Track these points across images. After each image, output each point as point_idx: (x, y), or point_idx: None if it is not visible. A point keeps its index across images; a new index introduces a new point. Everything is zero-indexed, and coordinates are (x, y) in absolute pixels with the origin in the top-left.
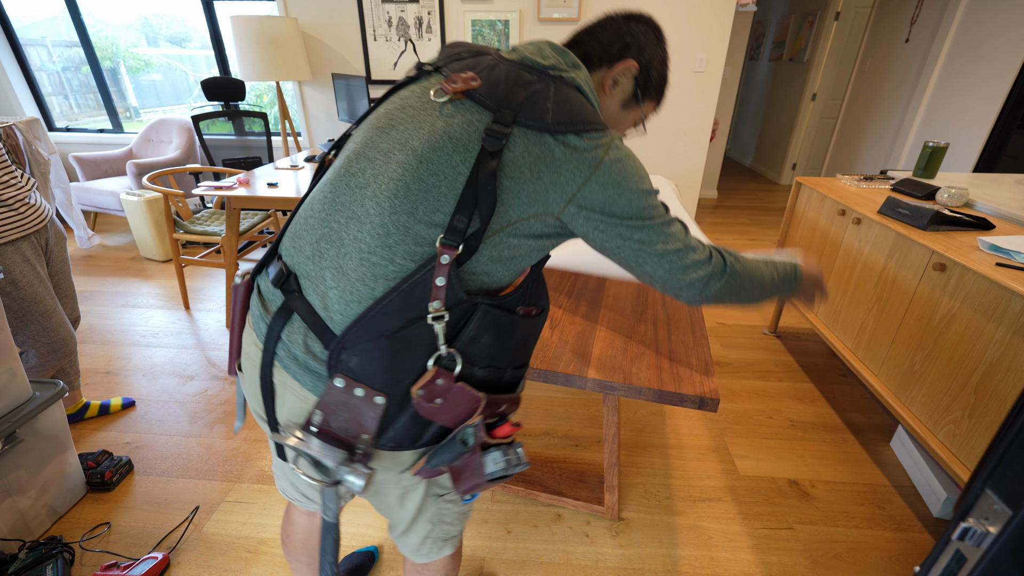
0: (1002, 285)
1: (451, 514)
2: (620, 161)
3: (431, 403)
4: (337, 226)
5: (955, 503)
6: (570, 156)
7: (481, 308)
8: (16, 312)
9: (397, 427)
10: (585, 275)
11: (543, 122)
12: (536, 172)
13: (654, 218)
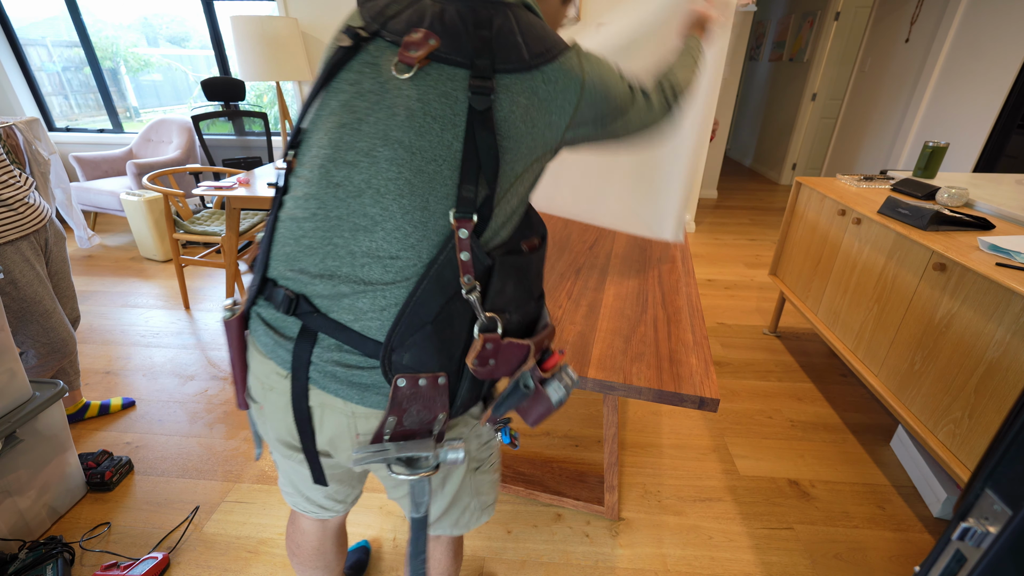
0: (1002, 285)
1: (487, 484)
2: (598, 75)
3: (486, 366)
4: (343, 241)
5: (955, 503)
6: (555, 91)
7: (498, 262)
8: (15, 312)
9: (462, 395)
10: (585, 273)
11: (521, 61)
12: (530, 121)
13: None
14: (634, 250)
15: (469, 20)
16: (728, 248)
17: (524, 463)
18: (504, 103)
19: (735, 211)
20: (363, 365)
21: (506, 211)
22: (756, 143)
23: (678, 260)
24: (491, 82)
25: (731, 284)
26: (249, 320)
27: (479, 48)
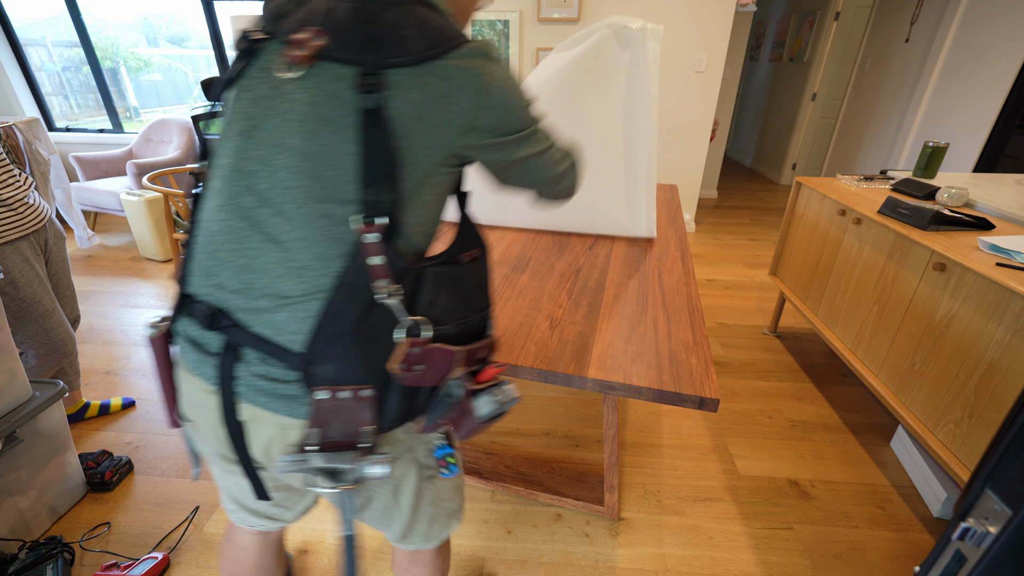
0: (1002, 285)
1: (448, 490)
2: (502, 77)
3: (412, 372)
4: (255, 253)
5: (955, 503)
6: (450, 87)
7: (428, 272)
8: (15, 312)
9: (391, 406)
10: (585, 273)
11: (412, 54)
12: (423, 117)
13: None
14: (634, 250)
15: (360, 15)
16: (728, 248)
17: (524, 463)
18: (396, 100)
19: (735, 211)
20: (287, 379)
21: (420, 216)
22: (756, 143)
23: (678, 260)
24: (379, 79)
25: (731, 284)
26: (174, 337)
27: (366, 44)
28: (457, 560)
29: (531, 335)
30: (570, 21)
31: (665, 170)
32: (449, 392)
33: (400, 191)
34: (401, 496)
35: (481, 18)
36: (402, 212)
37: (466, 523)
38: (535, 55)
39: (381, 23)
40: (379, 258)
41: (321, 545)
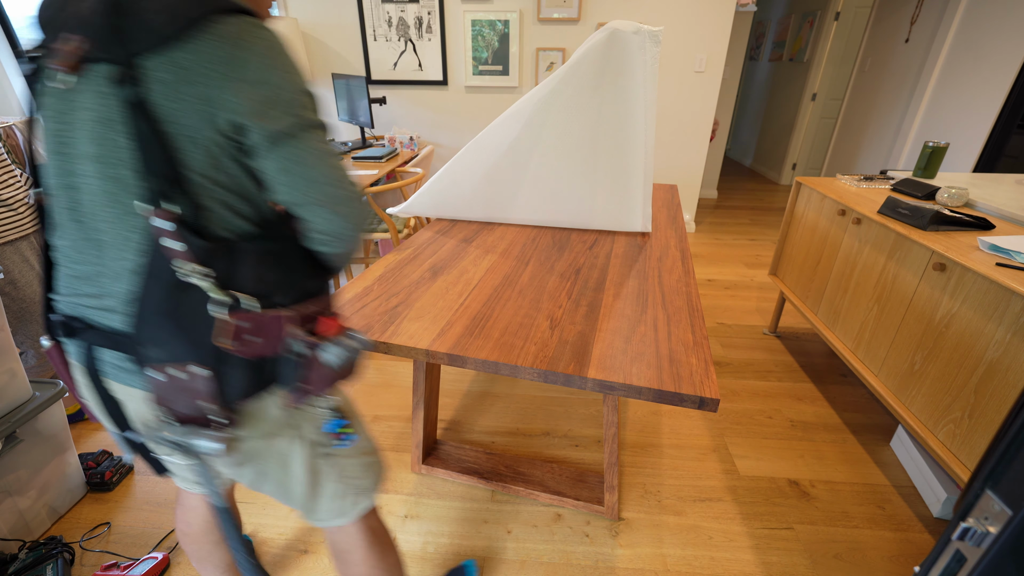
0: (1002, 285)
1: (353, 467)
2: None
3: (245, 344)
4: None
5: (955, 503)
6: (199, 59)
7: (244, 249)
8: (15, 312)
9: (235, 381)
10: (585, 273)
11: (159, 38)
12: (179, 97)
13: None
14: (634, 250)
15: (105, 12)
16: (728, 248)
17: (524, 463)
18: (154, 87)
19: (735, 211)
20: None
21: (228, 197)
22: (756, 143)
23: (678, 260)
24: (133, 70)
25: (731, 284)
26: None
27: (115, 38)
28: (457, 560)
29: (531, 335)
30: (570, 21)
31: (665, 170)
32: (293, 351)
33: (186, 176)
34: (292, 472)
35: (481, 18)
36: (197, 196)
37: (466, 523)
38: (535, 55)
39: (126, 13)
40: (171, 241)
41: (321, 546)
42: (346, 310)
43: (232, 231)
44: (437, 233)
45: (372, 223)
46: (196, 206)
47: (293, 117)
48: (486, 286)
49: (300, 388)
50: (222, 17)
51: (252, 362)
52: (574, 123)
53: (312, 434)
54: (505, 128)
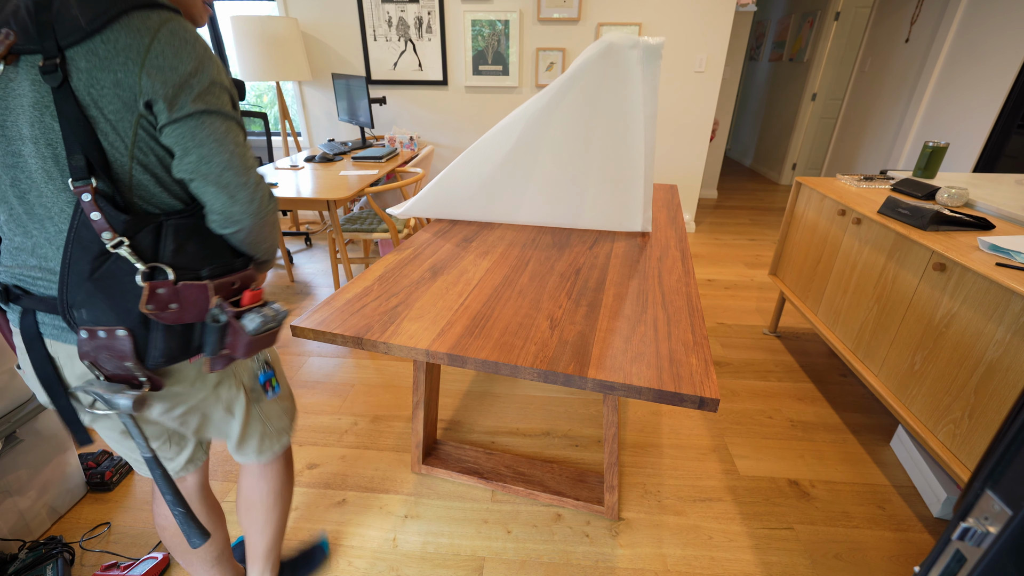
0: (1002, 285)
1: (275, 411)
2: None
3: (167, 310)
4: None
5: (955, 503)
6: (115, 48)
7: (170, 224)
8: None
9: (157, 344)
10: (585, 273)
11: (78, 29)
12: (97, 84)
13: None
14: (634, 250)
15: (33, 10)
16: (728, 248)
17: (524, 463)
18: (76, 75)
19: (735, 211)
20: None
21: (148, 176)
22: (756, 143)
23: (678, 260)
24: (58, 60)
25: (731, 284)
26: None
27: (42, 31)
28: (457, 560)
29: (531, 335)
30: (570, 21)
31: (665, 170)
32: (215, 318)
33: (112, 155)
34: (235, 412)
35: (482, 18)
36: (123, 174)
37: (466, 523)
38: (535, 55)
39: (51, 11)
40: (97, 214)
41: None
42: (346, 310)
43: (160, 207)
44: (437, 233)
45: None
46: (121, 183)
47: (199, 102)
48: (486, 286)
49: (223, 353)
50: (138, 12)
51: (175, 328)
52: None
53: (248, 381)
54: (504, 135)
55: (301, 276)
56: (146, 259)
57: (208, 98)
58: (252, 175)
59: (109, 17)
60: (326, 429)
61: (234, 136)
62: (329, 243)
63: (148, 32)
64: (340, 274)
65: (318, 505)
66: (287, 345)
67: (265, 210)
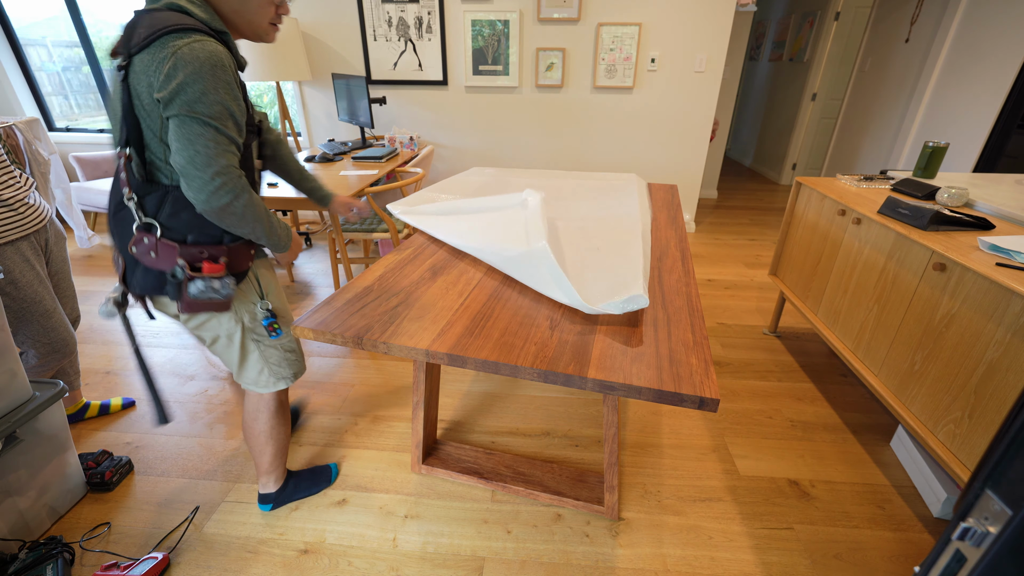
0: (1002, 285)
1: (275, 357)
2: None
3: (148, 256)
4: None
5: (955, 503)
6: (149, 60)
7: (173, 194)
8: (16, 312)
9: (137, 278)
10: None
11: (138, 43)
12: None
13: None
14: None
15: (126, 28)
16: (728, 248)
17: (524, 463)
18: (132, 75)
19: (735, 211)
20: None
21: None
22: (756, 143)
23: (678, 260)
24: (126, 63)
25: (731, 284)
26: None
27: (126, 43)
28: (457, 560)
29: (531, 335)
30: (570, 21)
31: (665, 170)
32: (173, 274)
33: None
34: (233, 343)
35: (482, 18)
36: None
37: (466, 523)
38: (535, 55)
39: (134, 28)
40: (123, 174)
41: (321, 545)
42: (346, 310)
43: (170, 180)
44: None
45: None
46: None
47: (186, 108)
48: (486, 286)
49: (180, 303)
50: (169, 35)
51: (152, 271)
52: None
53: (249, 323)
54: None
55: (301, 276)
56: (147, 214)
57: (194, 106)
58: (210, 174)
59: (151, 38)
60: (326, 429)
61: (205, 140)
62: (329, 243)
63: (169, 51)
64: (340, 274)
65: (318, 505)
66: None
67: (215, 204)
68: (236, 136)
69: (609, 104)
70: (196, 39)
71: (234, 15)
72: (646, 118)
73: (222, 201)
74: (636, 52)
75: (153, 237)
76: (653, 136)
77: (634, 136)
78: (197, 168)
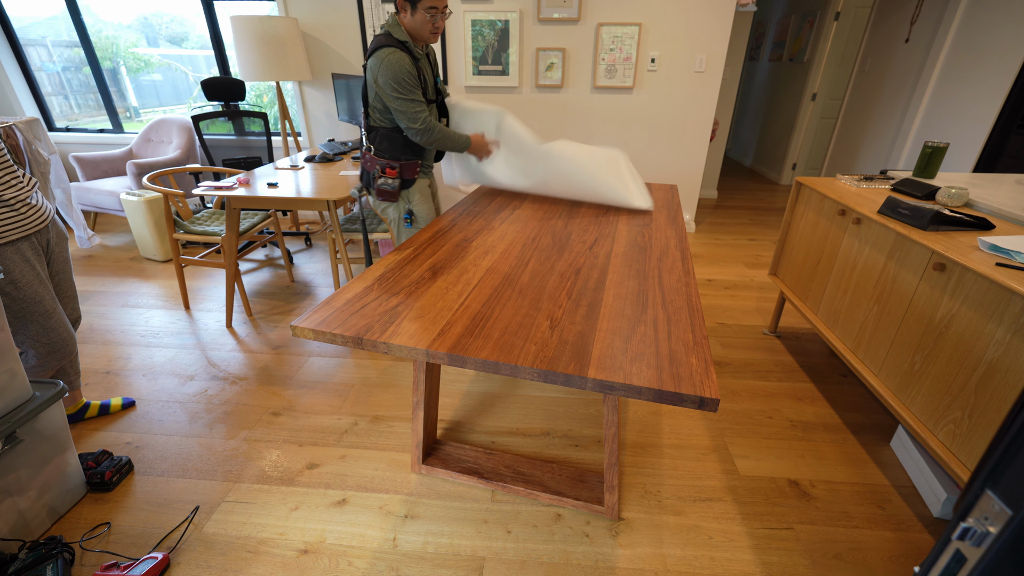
0: (1002, 285)
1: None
2: (386, 66)
3: (366, 163)
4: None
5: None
6: (370, 65)
7: (381, 132)
8: (16, 312)
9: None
10: (585, 273)
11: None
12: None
13: (400, 95)
14: (634, 250)
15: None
16: (728, 248)
17: (524, 463)
18: (369, 69)
19: (735, 211)
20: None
21: (379, 116)
22: (756, 143)
23: (678, 260)
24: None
25: (731, 284)
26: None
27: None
28: (457, 560)
29: (531, 335)
30: (570, 21)
31: (665, 170)
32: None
33: (371, 104)
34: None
35: (482, 18)
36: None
37: (466, 523)
38: (535, 55)
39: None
40: (367, 121)
41: (321, 545)
42: (346, 310)
43: (382, 125)
44: (437, 233)
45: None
46: (371, 116)
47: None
48: (486, 286)
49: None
50: (382, 49)
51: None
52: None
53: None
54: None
55: (301, 276)
56: (369, 143)
57: (399, 91)
58: (420, 133)
59: (373, 50)
60: (326, 429)
61: (404, 103)
62: (329, 243)
63: (380, 58)
64: (340, 274)
65: (318, 505)
66: (287, 346)
67: (422, 138)
68: (419, 98)
69: (609, 104)
70: (389, 52)
71: (412, 31)
72: (646, 118)
73: (424, 137)
74: (636, 52)
75: (370, 154)
76: (653, 136)
77: (634, 136)
78: (405, 120)
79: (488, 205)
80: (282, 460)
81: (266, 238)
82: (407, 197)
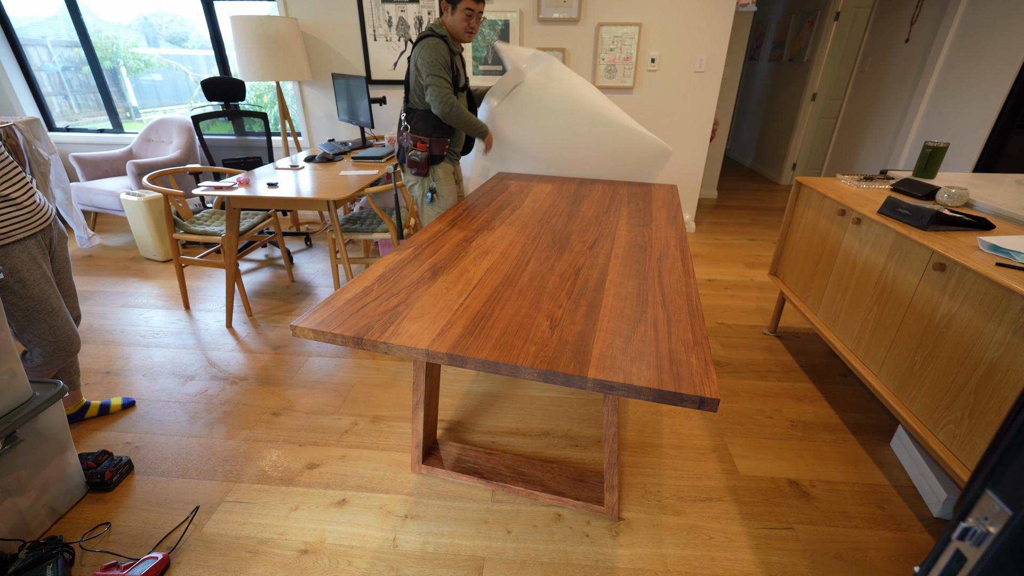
0: (1002, 285)
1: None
2: (426, 49)
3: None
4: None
5: (955, 503)
6: (415, 52)
7: (419, 112)
8: (23, 311)
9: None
10: (585, 273)
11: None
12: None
13: (433, 74)
14: (634, 250)
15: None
16: (728, 248)
17: (524, 463)
18: (413, 56)
19: (735, 211)
20: None
21: (417, 99)
22: (756, 143)
23: (678, 260)
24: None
25: (731, 284)
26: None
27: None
28: (457, 560)
29: (531, 335)
30: (570, 21)
31: (665, 170)
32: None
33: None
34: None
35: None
36: (414, 94)
37: (466, 523)
38: None
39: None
40: (406, 104)
41: (321, 545)
42: (346, 310)
43: (419, 107)
44: (437, 233)
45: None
46: (411, 99)
47: (429, 77)
48: (486, 286)
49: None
50: (425, 39)
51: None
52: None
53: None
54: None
55: (301, 276)
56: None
57: (433, 70)
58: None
59: (419, 40)
60: (326, 429)
61: (434, 79)
62: (329, 243)
63: (423, 44)
64: (340, 274)
65: (318, 505)
66: (287, 346)
67: (445, 110)
68: (448, 78)
69: None
70: (431, 39)
71: (451, 29)
72: (646, 118)
73: (450, 114)
74: (636, 52)
75: (407, 132)
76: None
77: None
78: (436, 103)
79: (488, 205)
80: (282, 460)
81: (266, 238)
82: (432, 174)
